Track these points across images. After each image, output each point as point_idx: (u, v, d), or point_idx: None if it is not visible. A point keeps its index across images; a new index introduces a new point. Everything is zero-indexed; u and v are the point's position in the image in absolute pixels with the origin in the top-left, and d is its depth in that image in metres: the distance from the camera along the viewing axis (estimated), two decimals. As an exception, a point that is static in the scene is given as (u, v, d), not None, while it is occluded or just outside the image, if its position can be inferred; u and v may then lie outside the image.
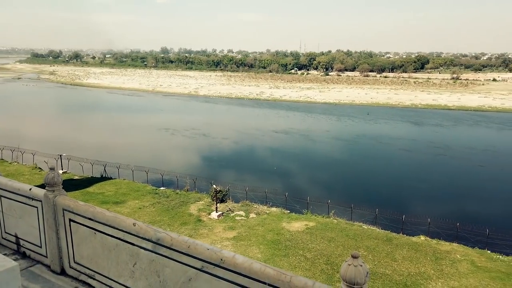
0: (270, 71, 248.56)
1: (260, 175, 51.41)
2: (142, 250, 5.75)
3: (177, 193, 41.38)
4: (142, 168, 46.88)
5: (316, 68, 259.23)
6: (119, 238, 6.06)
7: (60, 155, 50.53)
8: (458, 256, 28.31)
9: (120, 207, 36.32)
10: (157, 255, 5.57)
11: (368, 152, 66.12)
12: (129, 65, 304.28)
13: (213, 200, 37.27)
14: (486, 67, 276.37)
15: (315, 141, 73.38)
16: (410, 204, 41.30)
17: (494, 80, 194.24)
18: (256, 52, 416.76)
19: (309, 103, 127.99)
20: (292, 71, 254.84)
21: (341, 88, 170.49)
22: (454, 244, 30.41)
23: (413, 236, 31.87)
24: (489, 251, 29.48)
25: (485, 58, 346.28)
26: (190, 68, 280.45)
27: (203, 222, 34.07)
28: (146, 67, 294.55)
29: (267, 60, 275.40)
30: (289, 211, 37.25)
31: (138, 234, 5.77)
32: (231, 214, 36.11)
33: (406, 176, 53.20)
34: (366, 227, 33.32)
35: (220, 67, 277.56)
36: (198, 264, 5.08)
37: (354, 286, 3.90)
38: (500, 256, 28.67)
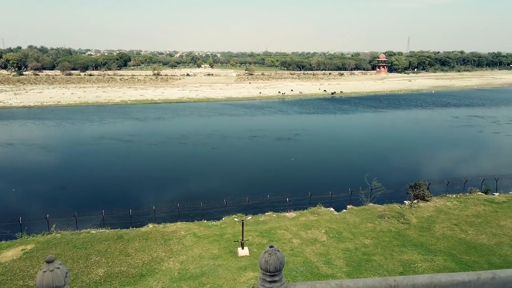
0: None
1: None
2: None
3: None
4: None
5: (5, 67, 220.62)
6: None
7: None
8: (183, 232, 31.74)
9: None
10: None
11: (105, 152, 63.10)
12: None
13: None
14: (180, 63, 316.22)
15: (43, 151, 62.93)
16: (137, 197, 42.33)
17: (188, 75, 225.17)
18: None
19: (1, 108, 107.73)
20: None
21: (41, 88, 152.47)
22: (178, 223, 33.81)
23: (142, 226, 33.13)
24: (205, 221, 34.62)
25: (177, 55, 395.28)
26: None
27: None
28: None
29: None
30: (-4, 241, 30.72)
31: None
32: None
33: (142, 169, 53.76)
34: (94, 232, 31.94)
35: None
36: None
37: None
38: (214, 222, 34.27)
